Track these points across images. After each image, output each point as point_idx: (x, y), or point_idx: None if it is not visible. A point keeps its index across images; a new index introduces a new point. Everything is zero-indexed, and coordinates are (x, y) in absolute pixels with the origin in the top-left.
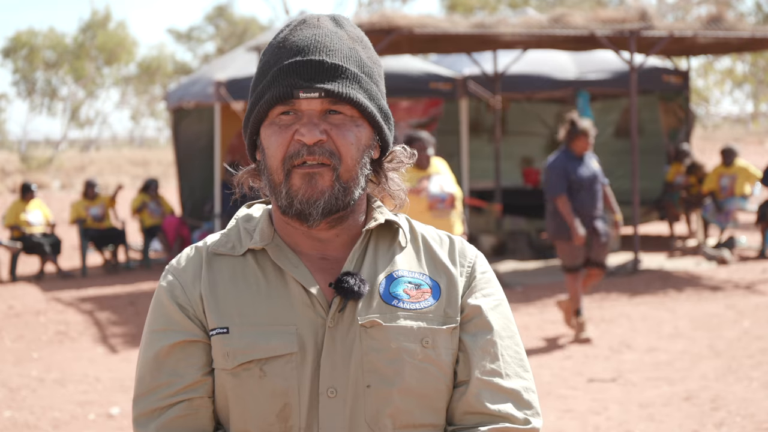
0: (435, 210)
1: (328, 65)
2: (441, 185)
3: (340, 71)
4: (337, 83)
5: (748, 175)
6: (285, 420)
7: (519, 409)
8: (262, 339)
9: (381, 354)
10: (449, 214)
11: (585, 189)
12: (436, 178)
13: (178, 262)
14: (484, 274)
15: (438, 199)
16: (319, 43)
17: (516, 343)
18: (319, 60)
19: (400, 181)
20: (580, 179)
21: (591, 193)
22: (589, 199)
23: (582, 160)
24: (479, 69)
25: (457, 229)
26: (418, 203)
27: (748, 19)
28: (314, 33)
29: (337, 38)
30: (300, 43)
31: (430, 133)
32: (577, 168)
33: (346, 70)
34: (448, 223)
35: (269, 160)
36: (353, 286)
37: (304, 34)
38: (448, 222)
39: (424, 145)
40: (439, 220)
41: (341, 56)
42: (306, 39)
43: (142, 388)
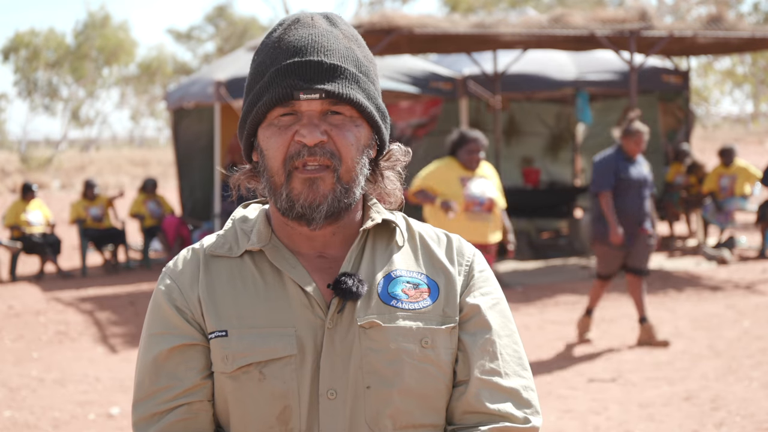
0: (470, 212)
1: (327, 66)
2: (483, 188)
3: (339, 71)
4: (337, 84)
5: (748, 175)
6: (285, 422)
7: (518, 408)
8: (260, 341)
9: (380, 355)
10: (485, 218)
11: (633, 191)
12: (480, 181)
13: (175, 264)
14: (482, 273)
15: (476, 201)
16: (317, 43)
17: (515, 342)
18: (318, 60)
19: (396, 180)
20: (628, 180)
21: (639, 196)
22: (636, 202)
23: (634, 162)
24: (479, 69)
25: (493, 237)
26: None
27: (748, 18)
28: (310, 32)
29: (334, 38)
30: (297, 43)
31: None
32: (627, 168)
33: (345, 70)
34: (483, 227)
35: (269, 161)
36: (351, 287)
37: (300, 34)
38: (483, 226)
39: (478, 147)
40: (473, 223)
41: (339, 56)
42: (303, 39)
43: (142, 392)
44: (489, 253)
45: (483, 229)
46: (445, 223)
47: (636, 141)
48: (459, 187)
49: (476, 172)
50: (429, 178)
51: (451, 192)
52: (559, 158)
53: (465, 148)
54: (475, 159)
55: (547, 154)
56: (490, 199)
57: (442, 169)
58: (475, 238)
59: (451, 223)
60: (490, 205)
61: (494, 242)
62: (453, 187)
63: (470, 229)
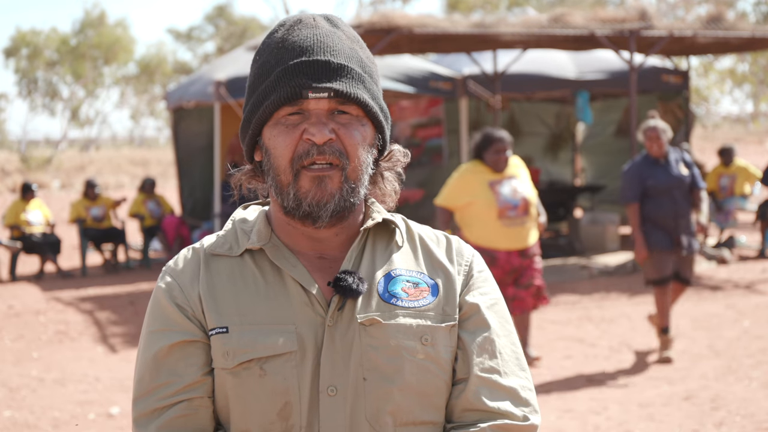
0: (505, 218)
1: (334, 65)
2: (515, 188)
3: (346, 71)
4: (344, 83)
5: (747, 174)
6: (286, 419)
7: (517, 406)
8: (261, 338)
9: (380, 352)
10: (522, 222)
11: (665, 194)
12: (511, 182)
13: (175, 263)
14: (480, 273)
15: (509, 206)
16: (322, 42)
17: (512, 342)
18: (326, 60)
19: (395, 181)
20: (658, 184)
21: (672, 198)
22: (670, 206)
23: (663, 164)
24: (479, 68)
25: (533, 239)
26: (487, 210)
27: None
28: (314, 33)
29: (337, 38)
30: (302, 43)
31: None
32: (655, 172)
33: (352, 70)
34: (521, 232)
35: (276, 160)
36: (352, 285)
37: (304, 34)
38: (521, 231)
39: (504, 146)
40: (510, 230)
41: (345, 56)
42: (308, 39)
43: (142, 388)
44: (529, 257)
45: (522, 234)
46: (479, 233)
47: (649, 138)
48: (489, 193)
49: (504, 173)
50: (450, 195)
51: (482, 200)
52: (559, 158)
53: (491, 149)
54: (502, 159)
55: (547, 153)
56: (524, 199)
57: (467, 178)
58: (515, 245)
59: (488, 232)
60: (525, 205)
61: (533, 245)
62: (483, 194)
63: (508, 237)
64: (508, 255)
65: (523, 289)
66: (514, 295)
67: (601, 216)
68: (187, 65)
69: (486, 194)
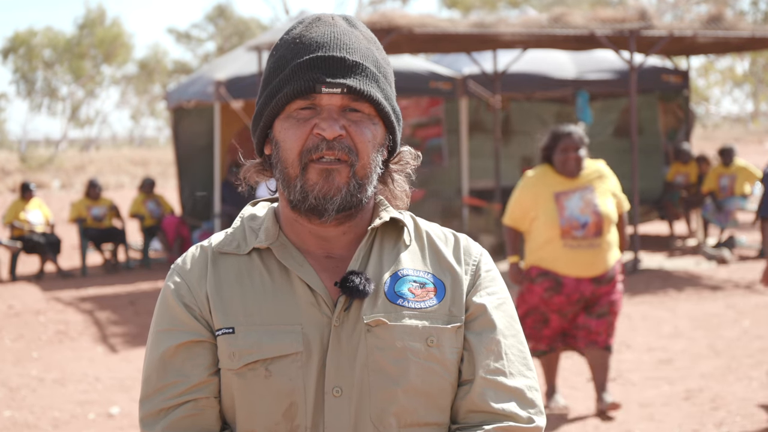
0: (569, 238)
1: (349, 62)
2: (587, 202)
3: (360, 69)
4: (358, 80)
5: (747, 174)
6: (291, 419)
7: (522, 407)
8: (267, 339)
9: (386, 353)
10: (591, 244)
11: None
12: (581, 194)
13: (183, 261)
14: (488, 273)
15: (576, 224)
16: (339, 40)
17: (520, 342)
18: (341, 56)
19: (405, 183)
20: None
21: None
22: None
23: None
24: (479, 68)
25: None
26: (549, 228)
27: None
28: (332, 30)
29: (354, 37)
30: (319, 39)
31: (437, 136)
32: None
33: (366, 68)
34: (589, 257)
35: (285, 152)
36: (359, 285)
37: (321, 31)
38: (589, 256)
39: (572, 143)
40: (573, 254)
41: (360, 54)
42: (325, 35)
43: (149, 388)
44: (605, 283)
45: (592, 259)
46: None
47: None
48: (552, 207)
49: (578, 179)
50: (514, 211)
51: (545, 215)
52: None
53: (558, 148)
54: (571, 160)
55: None
56: (597, 215)
57: (530, 189)
58: (579, 272)
59: (551, 254)
60: (597, 224)
61: (610, 269)
62: (545, 208)
63: (575, 262)
64: (578, 282)
65: (596, 319)
66: (585, 324)
67: None
68: (187, 65)
69: (549, 208)
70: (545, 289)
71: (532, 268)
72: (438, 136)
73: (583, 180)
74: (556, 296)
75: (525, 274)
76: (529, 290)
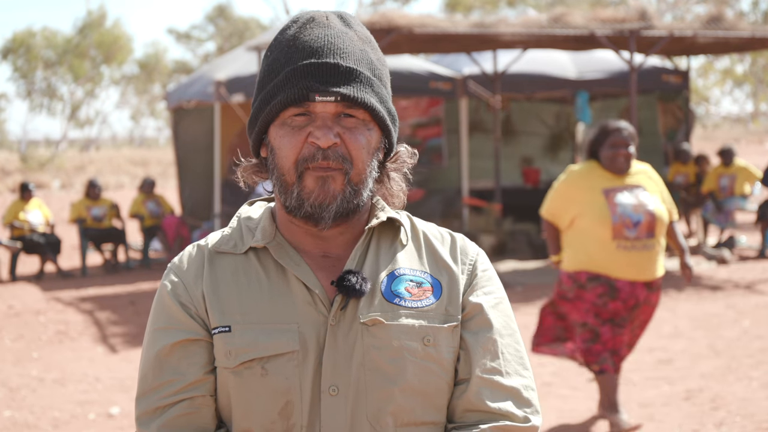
0: (622, 238)
1: (343, 69)
2: (639, 200)
3: (354, 75)
4: (352, 87)
5: (748, 174)
6: (287, 418)
7: (519, 407)
8: (263, 337)
9: (383, 352)
10: (645, 246)
11: None
12: (633, 192)
13: (180, 260)
14: (485, 272)
15: (629, 222)
16: (333, 44)
17: (516, 341)
18: (335, 63)
19: (401, 182)
20: None
21: None
22: None
23: None
24: (479, 68)
25: (660, 269)
26: (599, 226)
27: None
28: (326, 33)
29: (349, 39)
30: (313, 44)
31: (437, 136)
32: None
33: (360, 74)
34: (643, 259)
35: (281, 160)
36: (355, 284)
37: (315, 34)
38: (643, 258)
39: (622, 139)
40: (627, 255)
41: (354, 59)
42: (319, 39)
43: (145, 386)
44: (654, 292)
45: (645, 262)
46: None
47: None
48: (603, 203)
49: (627, 177)
50: (554, 205)
51: (593, 212)
52: (558, 158)
53: (606, 143)
54: (621, 156)
55: (547, 153)
56: (651, 215)
57: (575, 182)
58: (634, 275)
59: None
60: (650, 224)
61: (660, 275)
62: (594, 205)
63: (628, 264)
64: (632, 286)
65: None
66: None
67: None
68: (187, 65)
69: (598, 205)
70: (598, 295)
71: (581, 272)
72: (438, 136)
73: (633, 178)
74: (612, 302)
75: (574, 279)
76: (579, 297)
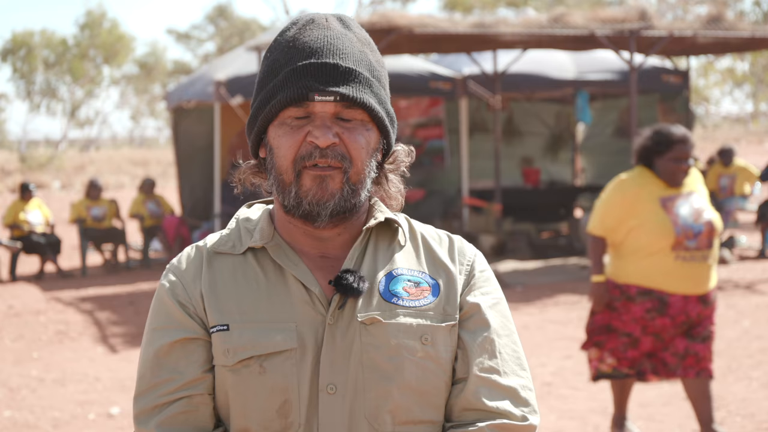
0: (681, 249)
1: (342, 69)
2: (697, 209)
3: (353, 75)
4: (351, 87)
5: (747, 174)
6: (285, 416)
7: (516, 406)
8: (262, 335)
9: (381, 351)
10: (704, 257)
11: None
12: (691, 200)
13: (178, 261)
14: (482, 273)
15: (690, 233)
16: (332, 45)
17: (513, 342)
18: (334, 63)
19: (399, 183)
20: None
21: None
22: None
23: None
24: (479, 68)
25: (714, 279)
26: (660, 237)
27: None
28: (325, 34)
29: (348, 40)
30: (312, 44)
31: (439, 138)
32: None
33: (359, 74)
34: (703, 271)
35: (279, 159)
36: (353, 284)
37: (315, 35)
38: (703, 269)
39: (687, 152)
40: (688, 267)
41: (353, 60)
42: (318, 40)
43: (143, 385)
44: (710, 305)
45: (703, 274)
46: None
47: None
48: (662, 214)
49: (682, 187)
50: (608, 217)
51: (653, 223)
52: (559, 158)
53: (668, 154)
54: (682, 170)
55: (547, 154)
56: (710, 224)
57: (631, 192)
58: (690, 289)
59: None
60: (709, 233)
61: (715, 287)
62: (653, 216)
63: (685, 277)
64: (685, 301)
65: (700, 342)
66: (687, 349)
67: None
68: (187, 65)
69: (658, 216)
70: (646, 311)
71: (631, 285)
72: (439, 138)
73: (686, 185)
74: (659, 318)
75: (622, 291)
76: (625, 309)
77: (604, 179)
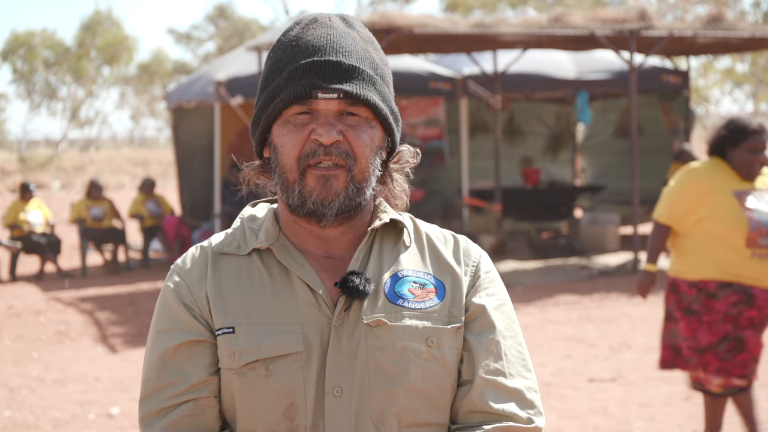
0: (756, 246)
1: (346, 66)
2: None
3: (357, 73)
4: (355, 85)
5: None
6: (291, 419)
7: (522, 408)
8: (267, 338)
9: (386, 353)
10: None
11: None
12: (762, 197)
13: (183, 262)
14: (488, 274)
15: (764, 230)
16: (335, 43)
17: (519, 343)
18: (337, 61)
19: (404, 182)
20: None
21: None
22: None
23: None
24: (479, 69)
25: None
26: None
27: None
28: (328, 33)
29: (351, 39)
30: (316, 43)
31: (438, 139)
32: None
33: (363, 71)
34: None
35: (283, 158)
36: (359, 286)
37: (318, 33)
38: None
39: (763, 143)
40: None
41: (357, 57)
42: (321, 38)
43: (149, 388)
44: None
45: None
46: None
47: None
48: (738, 208)
49: (755, 182)
50: (678, 206)
51: (726, 216)
52: (559, 158)
53: (743, 146)
54: (758, 162)
55: (547, 154)
56: None
57: (704, 182)
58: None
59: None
60: None
61: None
62: (727, 208)
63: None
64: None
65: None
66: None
67: (601, 216)
68: (187, 65)
69: (732, 209)
70: (732, 304)
71: (708, 281)
72: (439, 139)
73: (759, 181)
74: (747, 310)
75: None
76: (707, 308)
77: (605, 179)
